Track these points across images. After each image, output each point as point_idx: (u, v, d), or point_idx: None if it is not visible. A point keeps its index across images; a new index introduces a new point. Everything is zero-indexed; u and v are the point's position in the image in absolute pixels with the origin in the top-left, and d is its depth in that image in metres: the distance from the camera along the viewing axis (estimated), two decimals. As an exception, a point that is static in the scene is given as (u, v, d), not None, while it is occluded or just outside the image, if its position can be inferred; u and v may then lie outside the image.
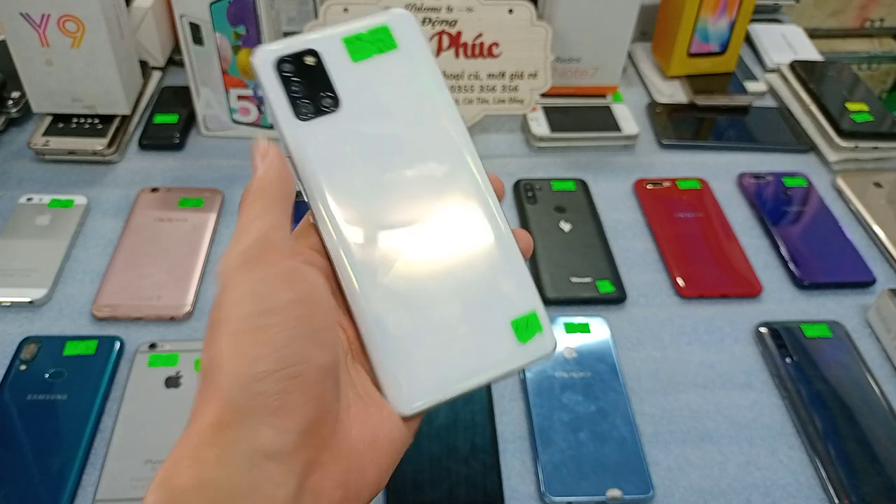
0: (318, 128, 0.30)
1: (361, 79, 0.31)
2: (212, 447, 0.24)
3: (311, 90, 0.31)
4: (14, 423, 0.47)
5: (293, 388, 0.25)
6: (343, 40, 0.31)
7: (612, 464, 0.47)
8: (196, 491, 0.23)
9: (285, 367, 0.25)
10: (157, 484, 0.24)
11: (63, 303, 0.56)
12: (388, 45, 0.31)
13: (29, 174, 0.67)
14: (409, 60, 0.31)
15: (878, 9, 1.38)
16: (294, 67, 0.31)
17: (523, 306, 0.29)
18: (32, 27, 0.62)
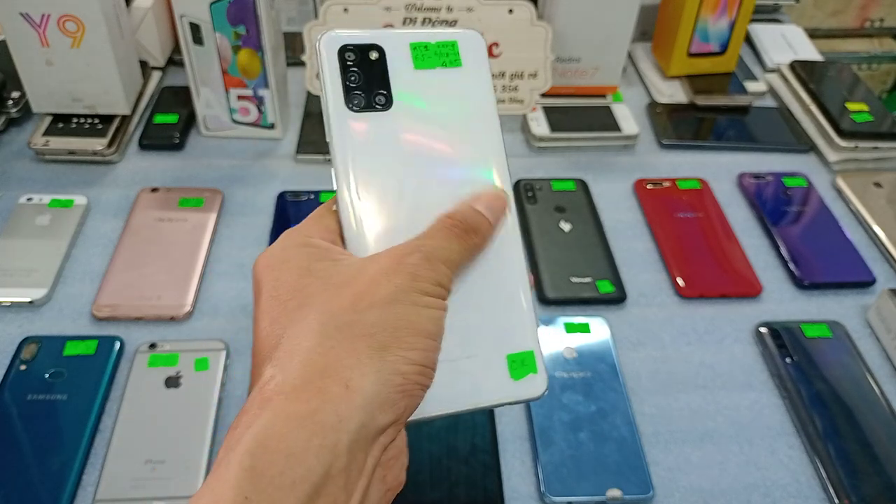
0: (364, 121, 0.31)
1: (418, 86, 0.31)
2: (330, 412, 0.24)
3: (368, 84, 0.31)
4: (14, 423, 0.47)
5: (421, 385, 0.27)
6: (410, 45, 0.31)
7: (612, 464, 0.47)
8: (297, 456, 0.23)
9: (427, 366, 0.27)
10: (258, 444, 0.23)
11: (63, 303, 0.56)
12: (453, 62, 0.32)
13: (29, 174, 0.67)
14: (469, 80, 0.32)
15: (878, 9, 1.38)
16: (357, 58, 0.31)
17: (523, 344, 0.30)
18: (32, 27, 0.62)
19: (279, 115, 0.70)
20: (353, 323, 0.26)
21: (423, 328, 0.27)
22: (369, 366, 0.25)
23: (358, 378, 0.24)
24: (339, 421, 0.24)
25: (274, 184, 0.67)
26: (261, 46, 0.65)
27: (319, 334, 0.25)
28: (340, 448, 0.23)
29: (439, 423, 0.48)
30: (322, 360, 0.25)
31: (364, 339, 0.25)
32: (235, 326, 0.55)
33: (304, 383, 0.24)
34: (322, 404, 0.24)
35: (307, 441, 0.23)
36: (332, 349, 0.25)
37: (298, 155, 0.70)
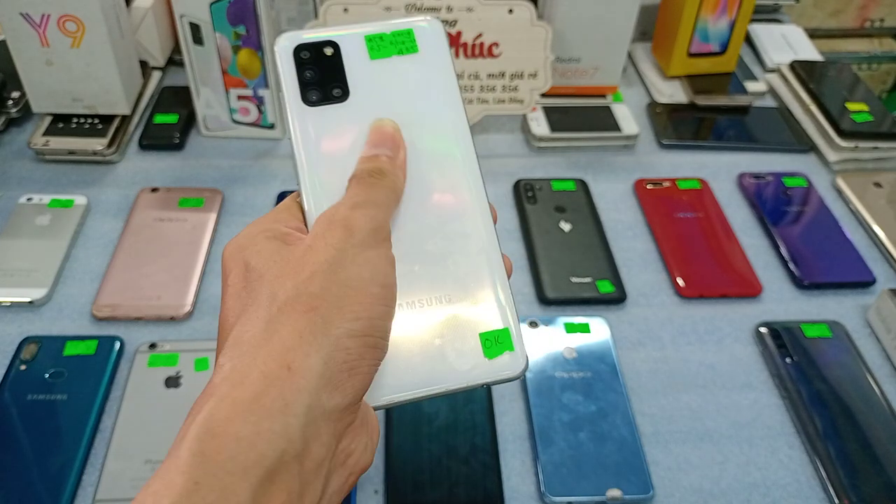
0: (322, 114, 0.31)
1: (374, 75, 0.32)
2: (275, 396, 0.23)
3: (323, 79, 0.31)
4: (14, 423, 0.47)
5: (367, 357, 0.25)
6: (365, 38, 0.32)
7: (612, 464, 0.47)
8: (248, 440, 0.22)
9: (373, 336, 0.26)
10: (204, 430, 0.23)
11: (63, 303, 0.56)
12: (409, 48, 0.32)
13: (29, 174, 0.67)
14: (427, 66, 0.32)
15: (878, 9, 1.38)
16: (311, 55, 0.32)
17: (497, 322, 0.29)
18: (32, 27, 0.62)
19: (279, 115, 0.70)
20: (295, 299, 0.25)
21: (368, 291, 0.26)
22: (312, 344, 0.24)
23: (300, 359, 0.24)
24: (285, 405, 0.23)
25: (274, 184, 0.67)
26: (261, 46, 0.65)
27: (263, 318, 0.25)
28: (292, 433, 0.23)
29: (439, 423, 0.48)
30: (266, 344, 0.24)
31: (306, 315, 0.25)
32: (235, 326, 0.55)
33: (247, 369, 0.24)
34: (266, 388, 0.23)
35: (256, 425, 0.22)
36: (275, 332, 0.24)
37: (298, 155, 0.70)
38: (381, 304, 0.26)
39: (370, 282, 0.26)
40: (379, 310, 0.26)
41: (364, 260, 0.26)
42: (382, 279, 0.27)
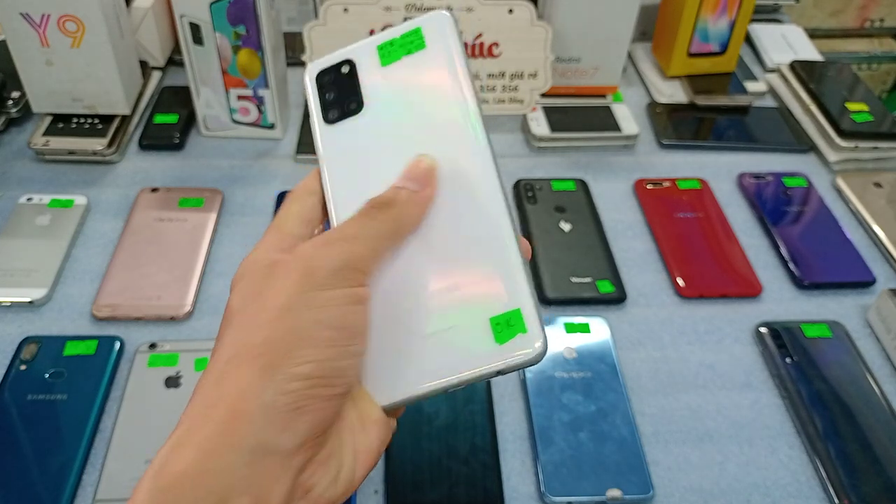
0: (341, 129, 0.32)
1: (386, 81, 0.32)
2: (220, 436, 0.24)
3: (340, 96, 0.32)
4: (14, 423, 0.47)
5: (320, 396, 0.26)
6: (377, 47, 0.32)
7: (612, 464, 0.47)
8: (194, 479, 0.24)
9: (325, 376, 0.26)
10: (156, 470, 0.24)
11: (63, 303, 0.56)
12: (417, 46, 0.32)
13: (29, 174, 0.67)
14: (434, 60, 0.32)
15: (878, 9, 1.38)
16: (331, 78, 0.33)
17: (508, 304, 0.28)
18: (32, 27, 0.62)
19: (279, 115, 0.70)
20: (247, 343, 0.26)
21: (319, 335, 0.26)
22: (255, 389, 0.25)
23: (242, 403, 0.25)
24: (230, 446, 0.24)
25: (274, 184, 0.67)
26: (261, 46, 0.65)
27: (219, 368, 0.26)
28: (237, 471, 0.24)
29: (439, 423, 0.48)
30: (216, 389, 0.25)
31: (253, 362, 0.25)
32: (235, 326, 0.55)
33: (197, 413, 0.25)
34: (211, 431, 0.24)
35: (202, 464, 0.24)
36: (225, 377, 0.26)
37: (298, 155, 0.70)
38: (333, 347, 0.26)
39: (323, 325, 0.26)
40: (330, 352, 0.26)
41: (320, 302, 0.26)
42: (338, 321, 0.26)
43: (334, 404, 0.26)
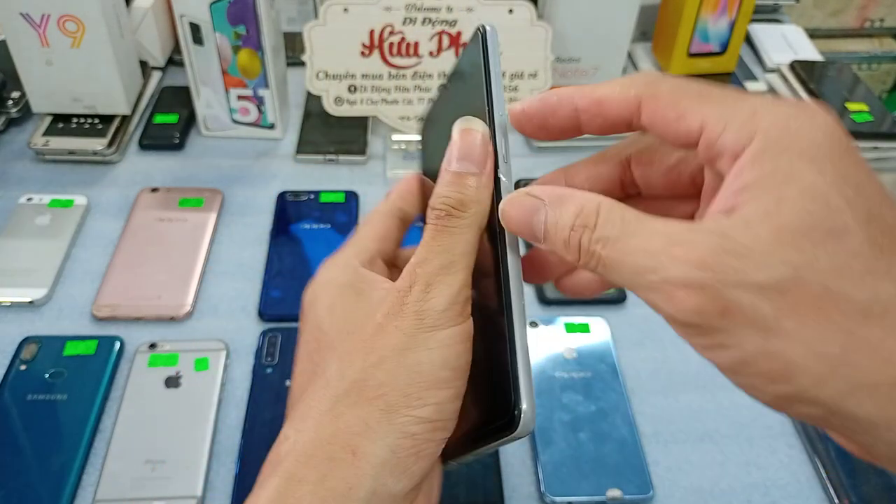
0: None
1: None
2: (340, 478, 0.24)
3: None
4: (14, 423, 0.47)
5: (436, 440, 0.25)
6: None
7: (612, 464, 0.47)
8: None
9: (443, 419, 0.25)
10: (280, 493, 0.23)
11: (63, 303, 0.56)
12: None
13: (29, 174, 0.67)
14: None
15: (878, 9, 1.38)
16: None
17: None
18: (32, 27, 0.62)
19: (279, 115, 0.70)
20: (362, 383, 0.25)
21: (437, 377, 0.25)
22: (377, 431, 0.24)
23: (366, 444, 0.24)
24: (348, 488, 0.23)
25: (274, 184, 0.67)
26: (261, 46, 0.65)
27: (331, 397, 0.25)
28: None
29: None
30: (332, 425, 0.25)
31: (373, 402, 0.24)
32: (235, 326, 0.55)
33: (314, 449, 0.24)
34: (331, 471, 0.24)
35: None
36: (341, 414, 0.25)
37: (298, 155, 0.70)
38: (448, 388, 0.25)
39: (440, 366, 0.25)
40: (446, 394, 0.25)
41: (435, 343, 0.25)
42: (453, 362, 0.25)
43: (440, 448, 0.26)
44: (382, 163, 0.70)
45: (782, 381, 0.20)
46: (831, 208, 0.20)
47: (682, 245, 0.20)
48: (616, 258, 0.22)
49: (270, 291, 0.57)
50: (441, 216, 0.26)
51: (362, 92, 0.69)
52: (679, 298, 0.20)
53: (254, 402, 0.49)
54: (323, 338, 0.27)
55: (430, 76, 0.68)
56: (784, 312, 0.19)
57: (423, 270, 0.26)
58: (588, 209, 0.23)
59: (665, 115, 0.24)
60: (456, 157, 0.26)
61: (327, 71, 0.68)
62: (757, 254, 0.20)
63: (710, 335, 0.21)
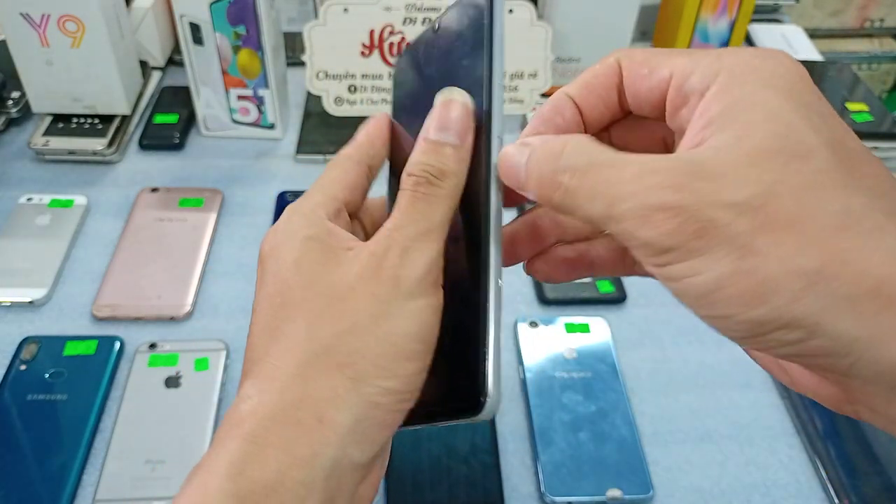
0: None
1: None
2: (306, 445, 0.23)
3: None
4: (14, 423, 0.47)
5: (401, 411, 0.25)
6: None
7: (612, 464, 0.47)
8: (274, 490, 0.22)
9: (409, 391, 0.25)
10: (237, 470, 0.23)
11: (63, 303, 0.56)
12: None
13: (29, 174, 0.67)
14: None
15: (878, 9, 1.38)
16: None
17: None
18: (32, 27, 0.62)
19: (279, 115, 0.70)
20: (333, 349, 0.24)
21: (409, 348, 0.24)
22: (345, 399, 0.24)
23: (332, 412, 0.24)
24: (313, 455, 0.23)
25: (274, 184, 0.67)
26: (261, 46, 0.65)
27: (299, 361, 0.24)
28: (315, 485, 0.23)
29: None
30: (299, 389, 0.24)
31: (342, 369, 0.24)
32: (235, 326, 0.55)
33: (279, 412, 0.24)
34: (296, 437, 0.23)
35: (283, 474, 0.23)
36: (309, 379, 0.24)
37: (298, 155, 0.70)
38: (418, 361, 0.25)
39: (413, 338, 0.25)
40: (415, 366, 0.25)
41: (410, 313, 0.25)
42: (426, 334, 0.25)
43: (402, 418, 0.25)
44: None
45: (758, 302, 0.19)
46: (797, 131, 0.20)
47: (656, 173, 0.21)
48: (586, 187, 0.22)
49: (270, 291, 0.57)
50: (420, 183, 0.26)
51: (362, 92, 0.69)
52: (656, 222, 0.20)
53: (254, 402, 0.49)
54: (288, 293, 0.26)
55: (430, 76, 0.68)
56: (759, 230, 0.19)
57: (399, 235, 0.25)
58: (555, 141, 0.23)
59: (639, 72, 0.25)
60: (434, 126, 0.26)
61: (327, 71, 0.68)
62: (729, 176, 0.20)
63: (683, 260, 0.20)
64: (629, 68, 0.25)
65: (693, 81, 0.23)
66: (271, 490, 0.22)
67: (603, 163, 0.22)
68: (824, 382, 0.24)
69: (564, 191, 0.22)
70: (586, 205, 0.22)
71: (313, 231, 0.27)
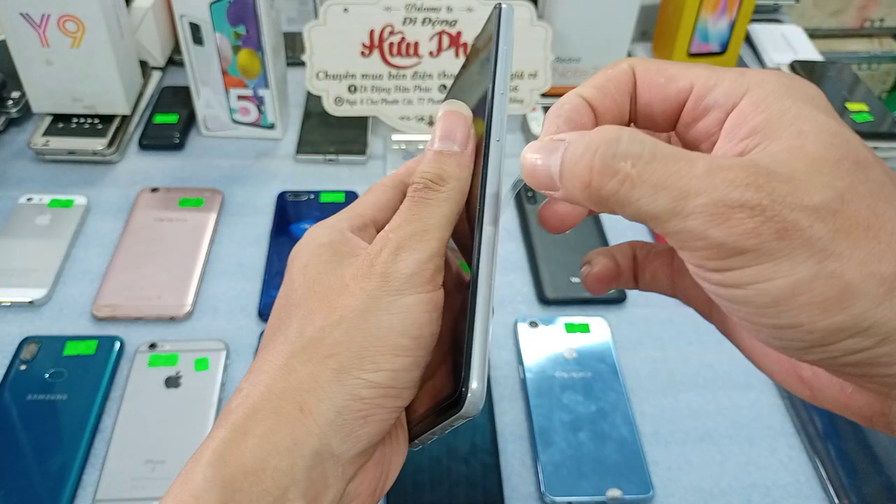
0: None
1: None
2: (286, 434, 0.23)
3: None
4: (14, 423, 0.47)
5: (386, 407, 0.25)
6: None
7: (612, 464, 0.47)
8: (256, 475, 0.23)
9: (396, 386, 0.25)
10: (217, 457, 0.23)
11: (63, 303, 0.56)
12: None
13: (29, 174, 0.67)
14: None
15: (878, 9, 1.38)
16: None
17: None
18: (32, 27, 0.62)
19: (279, 115, 0.70)
20: (319, 341, 0.25)
21: (394, 343, 0.24)
22: (326, 390, 0.24)
23: (314, 402, 0.24)
24: (293, 444, 0.23)
25: (274, 184, 0.67)
26: (261, 46, 0.65)
27: (287, 353, 0.25)
28: (297, 473, 0.23)
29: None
30: (284, 380, 0.24)
31: (325, 361, 0.24)
32: (235, 326, 0.55)
33: (263, 402, 0.24)
34: (277, 425, 0.23)
35: (263, 461, 0.23)
36: (294, 370, 0.24)
37: (298, 155, 0.70)
38: (406, 356, 0.25)
39: (399, 333, 0.25)
40: (403, 362, 0.25)
41: (399, 308, 0.25)
42: (415, 330, 0.25)
43: (394, 416, 0.25)
44: (382, 163, 0.70)
45: (837, 308, 0.19)
46: (852, 143, 0.20)
47: (731, 169, 0.19)
48: (650, 178, 0.20)
49: (270, 291, 0.57)
50: (419, 188, 0.26)
51: (362, 92, 0.69)
52: (735, 220, 0.19)
53: (254, 402, 0.49)
54: (292, 294, 0.27)
55: (430, 76, 0.68)
56: (838, 234, 0.19)
57: (394, 235, 0.26)
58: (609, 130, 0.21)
59: (655, 80, 0.24)
60: (438, 136, 0.27)
61: (327, 71, 0.68)
62: (801, 180, 0.19)
63: (756, 263, 0.19)
64: (644, 76, 0.25)
65: (717, 94, 0.22)
66: (252, 476, 0.23)
67: (669, 153, 0.20)
68: (857, 395, 0.23)
69: (622, 180, 0.20)
70: (646, 198, 0.20)
71: (328, 239, 0.28)
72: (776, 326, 0.20)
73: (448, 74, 0.68)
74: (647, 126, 0.26)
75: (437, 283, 0.26)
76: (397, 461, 0.28)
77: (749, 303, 0.20)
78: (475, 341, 0.24)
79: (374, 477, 0.26)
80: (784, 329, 0.20)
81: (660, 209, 0.20)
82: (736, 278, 0.20)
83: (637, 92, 0.25)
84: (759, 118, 0.21)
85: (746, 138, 0.21)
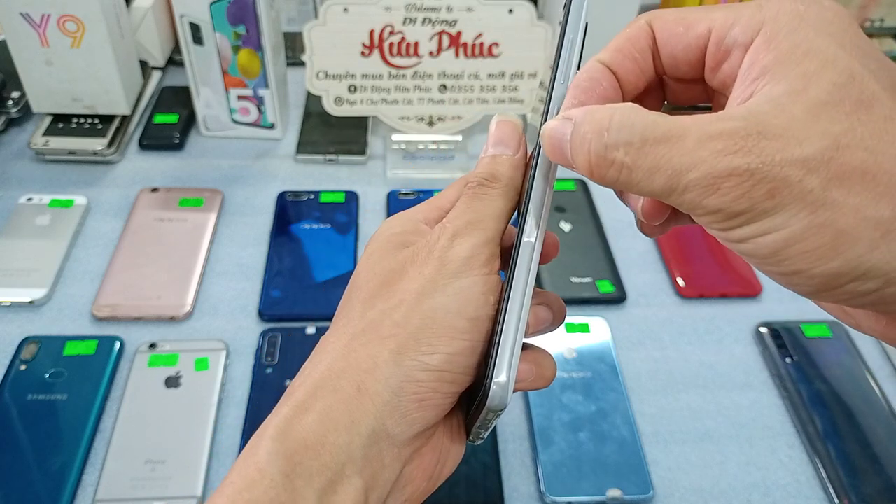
0: None
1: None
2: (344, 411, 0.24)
3: None
4: (14, 423, 0.47)
5: (441, 392, 0.25)
6: None
7: (612, 464, 0.47)
8: (315, 450, 0.23)
9: (451, 371, 0.25)
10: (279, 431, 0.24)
11: (63, 303, 0.56)
12: None
13: (29, 174, 0.67)
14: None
15: (878, 9, 1.38)
16: None
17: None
18: (32, 27, 0.62)
19: (279, 115, 0.70)
20: (378, 323, 0.25)
21: (451, 325, 0.25)
22: (384, 371, 0.25)
23: (371, 382, 0.24)
24: (351, 422, 0.24)
25: (274, 184, 0.67)
26: (261, 46, 0.65)
27: (349, 334, 0.26)
28: (354, 451, 0.24)
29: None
30: (343, 360, 0.25)
31: (384, 342, 0.25)
32: (235, 326, 0.55)
33: (323, 380, 0.25)
34: (336, 403, 0.24)
35: (323, 436, 0.24)
36: (354, 350, 0.25)
37: (298, 155, 0.70)
38: (462, 339, 0.25)
39: (456, 314, 0.25)
40: (460, 345, 0.25)
41: (454, 290, 0.25)
42: (471, 311, 0.25)
43: (450, 402, 0.26)
44: (382, 163, 0.70)
45: (833, 255, 0.19)
46: (858, 79, 0.20)
47: (718, 137, 0.20)
48: (644, 163, 0.21)
49: (270, 291, 0.57)
50: (473, 186, 0.28)
51: (362, 92, 0.69)
52: (725, 189, 0.20)
53: (254, 403, 0.49)
54: (357, 279, 0.28)
55: (429, 76, 0.68)
56: (831, 183, 0.19)
57: (451, 224, 0.27)
58: (597, 117, 0.22)
59: (674, 30, 0.24)
60: (491, 143, 0.29)
61: (327, 71, 0.68)
62: (794, 130, 0.19)
63: (756, 221, 0.20)
64: (663, 28, 0.25)
65: (735, 34, 0.22)
66: (312, 451, 0.23)
67: (658, 134, 0.21)
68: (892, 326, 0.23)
69: (619, 168, 0.21)
70: (645, 180, 0.21)
71: (401, 229, 0.29)
72: (781, 274, 0.21)
73: (448, 74, 0.68)
74: (676, 76, 0.26)
75: (493, 268, 0.27)
76: (455, 452, 0.28)
77: (754, 255, 0.21)
78: (507, 334, 0.25)
79: (431, 463, 0.27)
80: (789, 276, 0.21)
81: (658, 188, 0.21)
82: (738, 235, 0.21)
83: (658, 45, 0.25)
84: (770, 57, 0.21)
85: (756, 80, 0.21)
